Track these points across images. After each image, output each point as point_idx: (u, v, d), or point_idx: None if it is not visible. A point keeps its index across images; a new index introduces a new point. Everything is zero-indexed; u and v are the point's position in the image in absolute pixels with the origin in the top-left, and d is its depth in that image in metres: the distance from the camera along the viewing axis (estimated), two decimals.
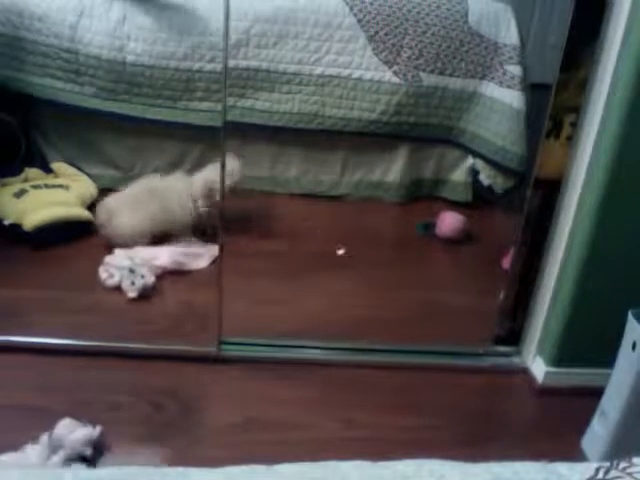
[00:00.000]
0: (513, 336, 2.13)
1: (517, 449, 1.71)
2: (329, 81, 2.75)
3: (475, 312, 2.24)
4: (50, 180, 2.61)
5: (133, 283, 2.22)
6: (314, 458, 1.04)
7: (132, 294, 2.21)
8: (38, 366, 1.90)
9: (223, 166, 2.03)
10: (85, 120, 2.73)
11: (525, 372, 2.09)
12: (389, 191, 2.91)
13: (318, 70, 2.74)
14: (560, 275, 1.95)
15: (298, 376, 1.95)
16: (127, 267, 2.24)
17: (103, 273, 2.26)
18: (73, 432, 1.58)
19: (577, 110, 1.82)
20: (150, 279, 2.25)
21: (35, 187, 2.53)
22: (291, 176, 2.87)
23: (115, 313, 2.16)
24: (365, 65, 2.75)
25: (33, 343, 1.95)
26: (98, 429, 1.62)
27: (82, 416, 1.75)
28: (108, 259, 2.30)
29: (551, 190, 1.93)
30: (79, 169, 2.68)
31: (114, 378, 1.90)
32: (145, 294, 2.22)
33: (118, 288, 2.22)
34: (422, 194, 2.96)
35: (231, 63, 2.64)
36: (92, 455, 1.58)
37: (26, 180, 2.58)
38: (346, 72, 2.75)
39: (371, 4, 2.74)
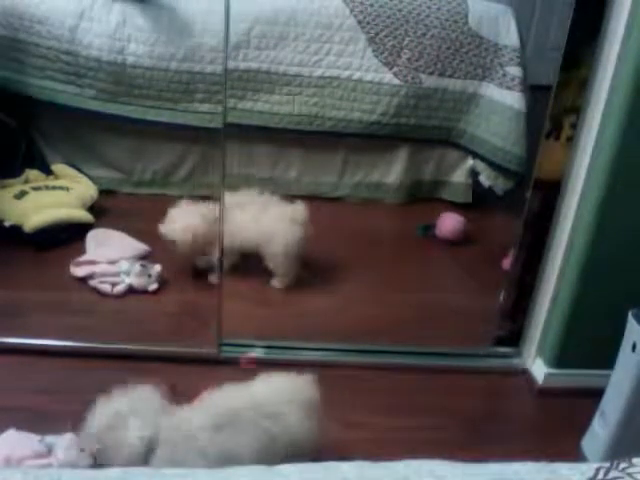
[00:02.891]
0: (513, 337, 2.13)
1: (517, 449, 1.71)
2: (329, 82, 2.75)
3: (475, 313, 2.24)
4: (51, 182, 2.61)
5: (150, 276, 2.23)
6: (314, 458, 1.04)
7: (153, 287, 2.23)
8: (37, 367, 1.90)
9: (223, 166, 2.03)
10: (85, 122, 2.73)
11: (525, 373, 2.09)
12: (389, 192, 2.91)
13: (318, 72, 2.74)
14: (560, 276, 1.95)
15: None
16: (135, 265, 2.25)
17: (102, 285, 2.23)
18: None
19: (577, 111, 1.82)
20: (158, 268, 2.27)
21: (36, 189, 2.54)
22: (291, 177, 2.87)
23: (115, 315, 2.16)
24: (365, 67, 2.76)
25: (33, 345, 1.96)
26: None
27: (81, 417, 1.75)
28: (97, 270, 2.26)
29: (551, 191, 1.93)
30: (79, 171, 2.68)
31: (113, 379, 1.89)
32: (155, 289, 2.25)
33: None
34: (422, 195, 2.96)
35: (231, 65, 2.64)
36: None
37: (27, 181, 2.58)
38: (346, 74, 2.75)
39: (371, 6, 2.74)
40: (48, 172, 2.66)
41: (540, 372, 2.03)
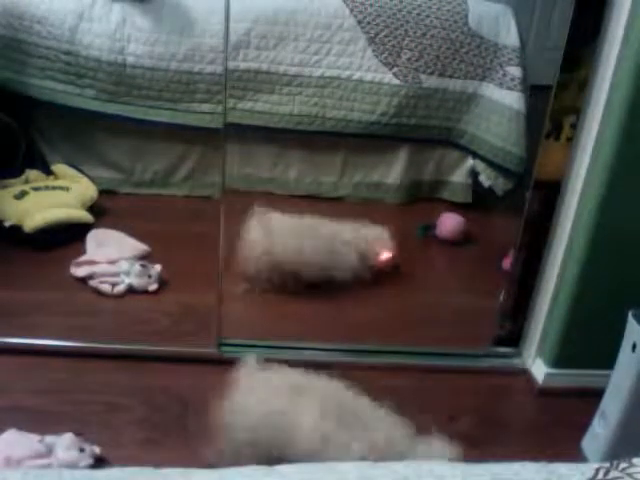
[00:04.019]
0: (513, 337, 2.13)
1: (517, 450, 1.71)
2: (329, 83, 2.75)
3: (475, 313, 2.24)
4: (51, 182, 2.61)
5: (150, 276, 2.23)
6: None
7: (153, 287, 2.23)
8: (37, 368, 1.90)
9: (223, 166, 2.03)
10: (85, 122, 2.73)
11: (525, 373, 2.09)
12: (389, 192, 2.91)
13: (318, 72, 2.74)
14: (560, 276, 1.95)
15: None
16: (135, 265, 2.25)
17: (102, 285, 2.23)
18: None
19: (577, 111, 1.82)
20: (159, 268, 2.27)
21: (36, 189, 2.53)
22: (291, 177, 2.87)
23: (115, 315, 2.16)
24: (365, 67, 2.75)
25: (33, 344, 1.95)
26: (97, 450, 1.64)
27: (81, 417, 1.76)
28: (97, 270, 2.25)
29: (551, 191, 1.93)
30: (79, 171, 2.67)
31: (113, 380, 1.90)
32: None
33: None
34: (422, 195, 2.96)
35: (231, 65, 2.64)
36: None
37: (27, 182, 2.58)
38: (346, 74, 2.75)
39: (371, 6, 2.74)
40: (48, 172, 2.66)
41: (540, 372, 2.03)
